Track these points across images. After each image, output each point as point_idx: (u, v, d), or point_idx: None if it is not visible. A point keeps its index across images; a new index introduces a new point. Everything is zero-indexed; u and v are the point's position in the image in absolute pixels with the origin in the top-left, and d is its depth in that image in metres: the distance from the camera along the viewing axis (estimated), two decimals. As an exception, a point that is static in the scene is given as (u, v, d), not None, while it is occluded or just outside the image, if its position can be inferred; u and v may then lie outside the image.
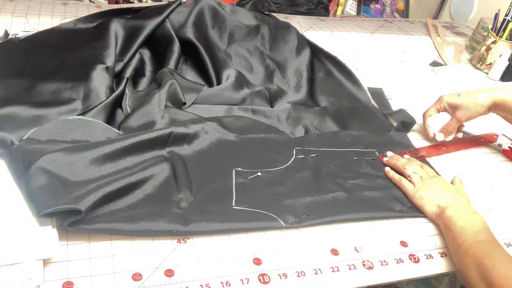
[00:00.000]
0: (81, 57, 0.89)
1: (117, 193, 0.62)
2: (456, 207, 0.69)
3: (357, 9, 2.07)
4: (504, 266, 0.57)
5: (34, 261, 0.52)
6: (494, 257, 0.59)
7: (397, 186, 0.77)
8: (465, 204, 0.71)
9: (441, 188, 0.73)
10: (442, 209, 0.70)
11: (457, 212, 0.68)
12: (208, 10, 1.04)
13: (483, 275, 0.58)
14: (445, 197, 0.72)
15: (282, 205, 0.68)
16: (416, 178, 0.75)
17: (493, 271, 0.57)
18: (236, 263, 0.60)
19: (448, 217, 0.68)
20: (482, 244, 0.62)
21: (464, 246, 0.62)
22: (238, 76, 0.94)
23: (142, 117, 0.77)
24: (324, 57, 1.11)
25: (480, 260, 0.59)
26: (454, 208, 0.69)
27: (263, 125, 0.84)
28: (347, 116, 0.94)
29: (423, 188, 0.74)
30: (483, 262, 0.59)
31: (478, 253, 0.60)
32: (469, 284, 0.60)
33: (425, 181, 0.74)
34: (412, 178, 0.76)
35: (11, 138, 0.68)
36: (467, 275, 0.61)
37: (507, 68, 1.20)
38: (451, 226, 0.66)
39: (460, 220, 0.66)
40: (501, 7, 1.25)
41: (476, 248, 0.61)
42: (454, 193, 0.73)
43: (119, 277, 0.55)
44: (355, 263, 0.63)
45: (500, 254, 0.60)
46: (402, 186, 0.76)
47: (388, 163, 0.81)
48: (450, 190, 0.73)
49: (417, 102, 1.04)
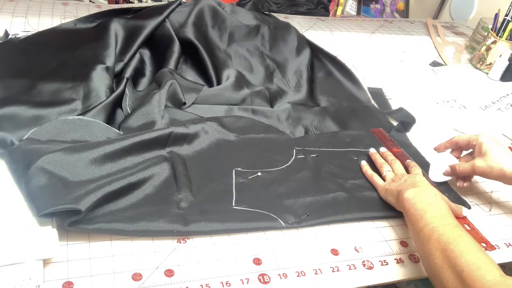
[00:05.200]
0: (81, 57, 0.89)
1: (117, 193, 0.62)
2: (414, 189, 0.66)
3: (357, 9, 2.07)
4: (474, 254, 0.54)
5: (34, 261, 0.52)
6: (460, 243, 0.55)
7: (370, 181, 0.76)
8: (425, 186, 0.67)
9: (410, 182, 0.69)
10: (400, 192, 0.67)
11: (415, 194, 0.65)
12: (208, 10, 1.04)
13: (450, 262, 0.54)
14: (406, 184, 0.69)
15: (282, 205, 0.68)
16: (389, 175, 0.75)
17: (461, 259, 0.53)
18: (236, 263, 0.60)
19: (406, 199, 0.65)
20: (446, 228, 0.58)
21: (425, 230, 0.59)
22: (238, 76, 0.94)
23: (142, 117, 0.77)
24: (324, 57, 1.12)
25: (446, 246, 0.56)
26: (412, 190, 0.66)
27: (263, 125, 0.84)
28: (347, 116, 0.94)
29: (390, 182, 0.72)
30: (449, 248, 0.55)
31: (442, 238, 0.57)
32: (434, 271, 0.57)
33: (396, 178, 0.73)
34: (385, 175, 0.75)
35: (11, 138, 0.68)
36: (430, 261, 0.57)
37: (507, 68, 1.20)
38: (410, 208, 0.63)
39: (419, 202, 0.63)
40: (501, 7, 1.25)
41: (439, 233, 0.57)
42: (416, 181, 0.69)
43: (119, 277, 0.55)
44: (355, 263, 0.63)
45: (467, 239, 0.56)
46: (373, 182, 0.75)
47: (371, 156, 0.81)
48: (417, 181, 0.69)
49: (417, 102, 1.04)
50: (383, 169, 0.76)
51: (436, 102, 1.07)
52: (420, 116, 0.96)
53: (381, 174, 0.76)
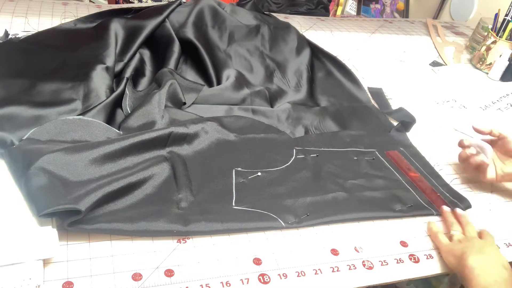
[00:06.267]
0: (81, 57, 0.89)
1: (117, 193, 0.62)
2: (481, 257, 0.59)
3: (357, 9, 2.07)
4: None
5: (34, 261, 0.52)
6: None
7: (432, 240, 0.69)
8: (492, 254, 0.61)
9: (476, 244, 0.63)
10: (464, 255, 0.61)
11: (481, 263, 0.58)
12: (208, 10, 1.04)
13: None
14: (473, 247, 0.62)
15: (282, 205, 0.68)
16: (456, 236, 0.67)
17: None
18: (236, 263, 0.60)
19: (470, 267, 0.58)
20: None
21: None
22: (238, 76, 0.94)
23: (142, 117, 0.77)
24: (324, 57, 1.12)
25: None
26: (478, 258, 0.59)
27: (263, 125, 0.84)
28: (347, 116, 0.94)
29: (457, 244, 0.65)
30: None
31: None
32: None
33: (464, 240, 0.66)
34: (453, 235, 0.68)
35: (11, 138, 0.68)
36: None
37: (507, 68, 1.20)
38: (472, 280, 0.57)
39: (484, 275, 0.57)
40: (501, 7, 1.25)
41: None
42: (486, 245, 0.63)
43: (119, 277, 0.55)
44: (355, 263, 0.63)
45: None
46: (436, 239, 0.68)
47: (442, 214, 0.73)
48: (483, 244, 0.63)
49: (417, 102, 1.04)
50: (453, 228, 0.69)
51: (436, 102, 1.07)
52: (420, 116, 0.96)
53: (448, 232, 0.69)
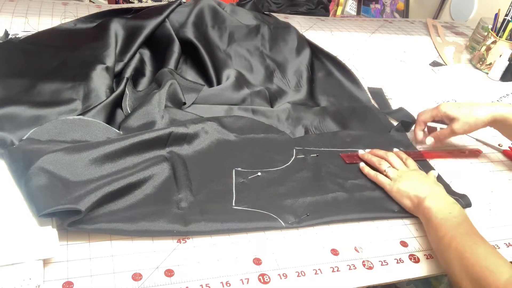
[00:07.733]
0: (81, 57, 0.89)
1: (117, 193, 0.62)
2: (435, 197, 0.68)
3: (357, 9, 2.07)
4: (487, 259, 0.56)
5: (34, 261, 0.52)
6: (476, 250, 0.57)
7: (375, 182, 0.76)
8: (443, 194, 0.70)
9: (418, 179, 0.72)
10: (420, 200, 0.68)
11: (436, 203, 0.67)
12: (208, 10, 1.04)
13: (467, 271, 0.56)
14: (423, 188, 0.70)
15: (282, 205, 0.68)
16: (391, 172, 0.75)
17: (475, 267, 0.55)
18: (236, 263, 0.60)
19: (428, 207, 0.66)
20: (464, 237, 0.60)
21: (446, 239, 0.61)
22: (238, 76, 0.94)
23: (142, 117, 0.77)
24: (324, 57, 1.12)
25: (463, 255, 0.57)
26: (433, 199, 0.67)
27: (263, 125, 0.84)
28: (347, 116, 0.94)
29: (399, 180, 0.72)
30: (466, 257, 0.57)
31: (460, 247, 0.58)
32: (453, 279, 0.59)
33: (402, 174, 0.74)
34: (387, 172, 0.75)
35: (11, 138, 0.68)
36: (450, 270, 0.59)
37: (507, 68, 1.20)
38: (431, 217, 0.65)
39: (440, 211, 0.65)
40: (501, 7, 1.25)
41: (457, 242, 0.59)
42: (431, 184, 0.72)
43: (119, 277, 0.55)
44: (355, 263, 0.63)
45: (483, 246, 0.58)
46: (379, 182, 0.75)
47: (363, 158, 0.80)
48: (427, 181, 0.72)
49: (417, 102, 1.04)
50: (382, 167, 0.76)
51: (436, 102, 1.07)
52: (420, 116, 0.96)
53: (381, 172, 0.76)
